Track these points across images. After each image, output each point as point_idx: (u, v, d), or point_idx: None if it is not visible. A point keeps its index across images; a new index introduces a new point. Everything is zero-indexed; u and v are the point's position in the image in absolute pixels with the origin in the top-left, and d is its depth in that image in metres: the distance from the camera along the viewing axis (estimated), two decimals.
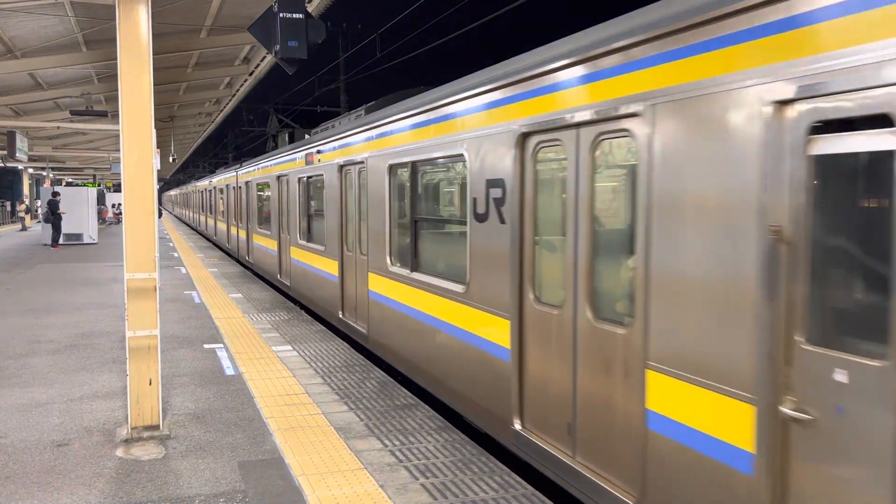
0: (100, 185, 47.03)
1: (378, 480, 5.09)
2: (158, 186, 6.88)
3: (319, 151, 11.61)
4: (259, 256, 17.68)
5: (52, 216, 26.82)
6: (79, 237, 28.74)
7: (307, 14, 7.36)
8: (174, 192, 77.65)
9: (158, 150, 7.78)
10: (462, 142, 6.23)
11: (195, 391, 7.41)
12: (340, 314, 10.42)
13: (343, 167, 10.28)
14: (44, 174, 43.75)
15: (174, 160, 35.28)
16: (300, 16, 7.30)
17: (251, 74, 16.06)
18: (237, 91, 18.98)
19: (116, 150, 29.39)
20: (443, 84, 7.24)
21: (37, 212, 43.73)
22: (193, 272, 18.42)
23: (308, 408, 6.77)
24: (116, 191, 50.87)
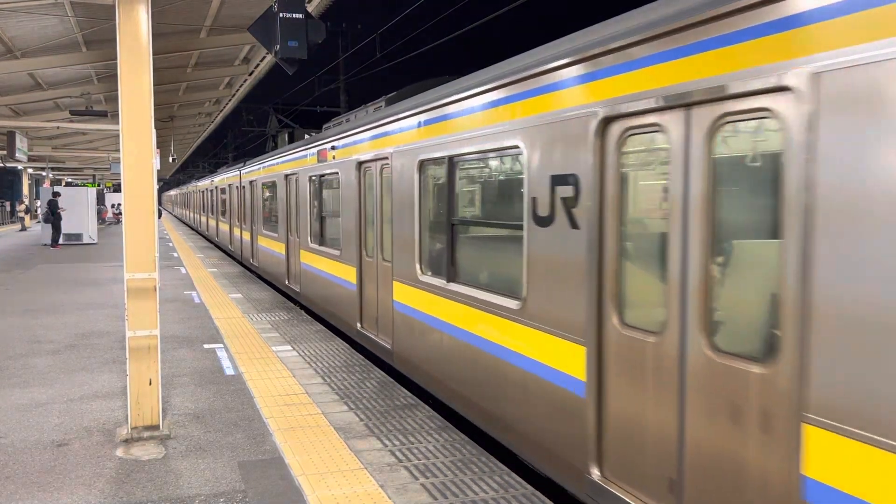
0: (99, 185, 47.04)
1: (378, 480, 5.10)
2: (158, 186, 6.88)
3: (334, 147, 10.62)
4: (265, 260, 16.83)
5: (52, 216, 26.83)
6: (78, 237, 28.76)
7: (307, 14, 7.37)
8: (174, 193, 77.41)
9: (158, 151, 7.79)
10: (517, 131, 5.33)
11: (195, 391, 7.41)
12: (359, 325, 9.50)
13: (362, 164, 9.31)
14: (43, 174, 43.75)
15: (174, 160, 35.29)
16: (300, 16, 7.31)
17: (251, 74, 16.07)
18: (237, 91, 18.98)
19: (116, 150, 29.39)
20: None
21: (36, 212, 43.78)
22: (193, 272, 18.42)
23: (308, 408, 6.77)
24: (116, 191, 50.90)
